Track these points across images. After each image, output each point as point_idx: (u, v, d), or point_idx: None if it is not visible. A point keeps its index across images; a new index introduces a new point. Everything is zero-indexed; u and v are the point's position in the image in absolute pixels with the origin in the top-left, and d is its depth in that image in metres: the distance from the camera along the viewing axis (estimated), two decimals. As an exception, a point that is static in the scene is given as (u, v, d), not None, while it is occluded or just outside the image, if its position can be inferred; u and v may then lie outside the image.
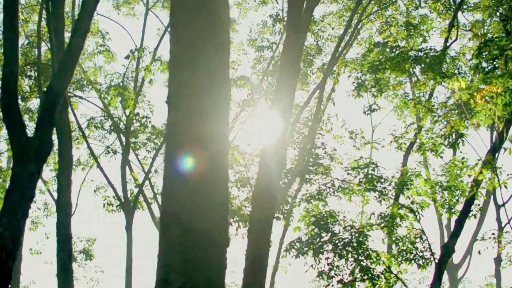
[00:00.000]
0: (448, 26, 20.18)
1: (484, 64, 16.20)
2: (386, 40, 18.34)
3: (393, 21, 22.13)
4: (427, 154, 18.93)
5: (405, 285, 16.73)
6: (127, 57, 16.87)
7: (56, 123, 14.07)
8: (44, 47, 22.04)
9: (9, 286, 10.69)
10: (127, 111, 21.37)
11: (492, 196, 22.81)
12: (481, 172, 14.73)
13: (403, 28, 21.35)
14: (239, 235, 22.40)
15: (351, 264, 16.50)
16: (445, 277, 25.13)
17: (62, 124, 15.57)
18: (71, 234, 15.97)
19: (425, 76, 17.50)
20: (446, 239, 24.22)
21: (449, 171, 17.55)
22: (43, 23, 20.86)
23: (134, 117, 19.79)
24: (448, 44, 19.59)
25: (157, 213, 24.51)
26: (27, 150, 10.73)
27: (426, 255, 16.55)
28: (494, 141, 14.89)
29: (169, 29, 5.25)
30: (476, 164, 13.93)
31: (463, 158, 19.10)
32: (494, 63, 15.31)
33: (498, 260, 20.60)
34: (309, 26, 14.71)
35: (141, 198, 23.39)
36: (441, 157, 20.23)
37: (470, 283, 30.88)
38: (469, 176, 14.15)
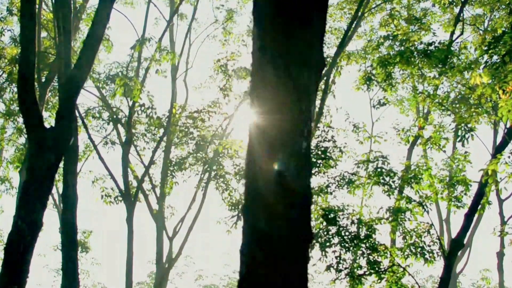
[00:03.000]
0: (454, 20, 20.12)
1: (494, 58, 16.20)
2: (395, 33, 18.20)
3: (396, 14, 22.02)
4: (428, 148, 18.86)
5: (413, 278, 16.70)
6: (133, 47, 16.60)
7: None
8: (43, 34, 21.67)
9: (27, 278, 10.48)
10: (127, 102, 21.09)
11: (495, 191, 22.87)
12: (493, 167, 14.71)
13: (405, 22, 21.28)
14: (239, 228, 22.35)
15: (358, 258, 16.44)
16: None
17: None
18: (77, 226, 15.71)
19: (435, 70, 17.44)
20: (445, 233, 24.30)
21: (455, 165, 17.55)
22: (42, 11, 20.51)
23: (139, 108, 19.53)
24: (453, 38, 19.54)
25: (154, 205, 24.32)
26: (45, 141, 10.48)
27: (433, 249, 16.52)
28: (506, 134, 14.82)
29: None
30: (498, 158, 13.85)
31: (465, 152, 19.14)
32: (504, 58, 15.28)
33: (500, 255, 20.67)
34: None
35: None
36: (444, 151, 20.25)
37: (464, 276, 31.07)
38: (486, 170, 14.07)
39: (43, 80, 20.24)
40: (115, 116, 22.71)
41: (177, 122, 23.28)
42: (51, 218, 37.01)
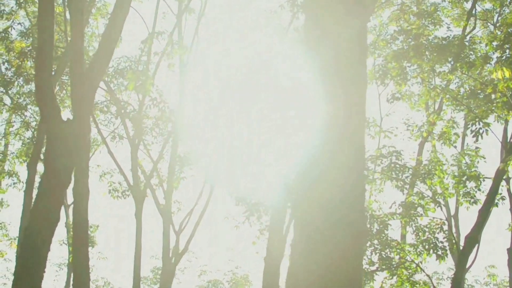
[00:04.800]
0: (467, 15, 20.01)
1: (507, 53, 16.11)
2: (407, 28, 18.08)
3: (406, 9, 21.86)
4: (441, 143, 18.77)
5: (428, 275, 16.63)
6: (145, 41, 16.45)
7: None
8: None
9: (44, 272, 10.38)
10: (137, 96, 20.99)
11: (506, 187, 22.77)
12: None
13: (415, 17, 21.14)
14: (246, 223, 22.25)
15: (370, 254, 16.36)
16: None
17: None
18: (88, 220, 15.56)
19: (447, 65, 17.35)
20: (454, 229, 24.21)
21: (468, 160, 17.47)
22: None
23: (151, 102, 19.43)
24: (466, 33, 19.44)
25: (161, 200, 24.17)
26: (63, 135, 10.36)
27: (445, 246, 16.44)
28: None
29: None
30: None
31: (476, 148, 19.03)
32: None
33: (510, 251, 20.57)
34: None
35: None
36: (455, 147, 20.15)
37: (469, 272, 30.94)
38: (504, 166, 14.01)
39: (53, 72, 20.06)
40: (123, 110, 22.58)
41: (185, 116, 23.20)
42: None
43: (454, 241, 16.54)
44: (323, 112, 4.95)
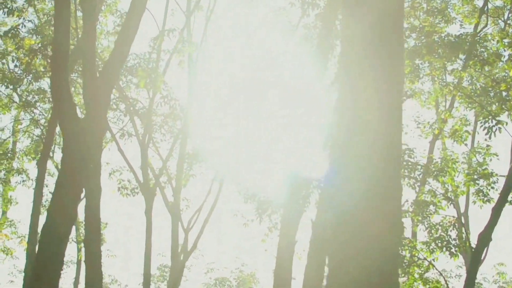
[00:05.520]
0: (479, 12, 19.91)
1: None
2: (420, 25, 18.00)
3: (417, 6, 21.76)
4: (454, 141, 18.69)
5: (439, 272, 16.57)
6: (157, 38, 16.36)
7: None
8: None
9: (61, 270, 10.35)
10: (148, 94, 20.94)
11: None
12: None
13: (425, 15, 21.05)
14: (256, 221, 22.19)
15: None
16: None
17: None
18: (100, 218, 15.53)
19: (458, 62, 17.26)
20: (458, 226, 24.14)
21: (480, 157, 17.41)
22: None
23: (162, 100, 19.40)
24: (477, 30, 19.34)
25: (170, 198, 24.13)
26: (80, 132, 10.32)
27: (458, 244, 16.38)
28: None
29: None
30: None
31: (487, 145, 18.96)
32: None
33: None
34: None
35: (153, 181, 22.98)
36: (466, 144, 20.09)
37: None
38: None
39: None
40: (132, 108, 22.55)
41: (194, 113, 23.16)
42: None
43: (467, 238, 16.45)
44: (350, 99, 4.88)
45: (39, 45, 20.80)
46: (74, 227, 26.81)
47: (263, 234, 23.20)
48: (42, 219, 20.52)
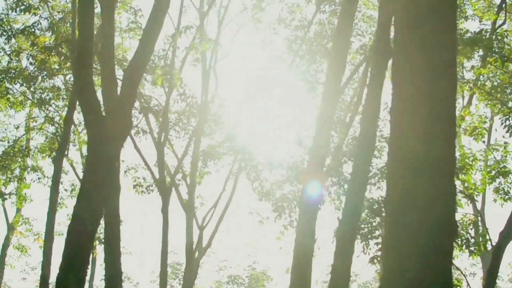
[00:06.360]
0: (497, 8, 19.79)
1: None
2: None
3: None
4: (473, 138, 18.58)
5: (460, 271, 16.49)
6: (173, 35, 16.28)
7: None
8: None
9: (88, 269, 10.31)
10: (164, 91, 20.87)
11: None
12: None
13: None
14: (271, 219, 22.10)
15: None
16: (480, 264, 25.03)
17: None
18: (120, 216, 15.53)
19: (475, 58, 17.17)
20: (479, 224, 24.01)
21: (500, 154, 17.32)
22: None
23: (179, 97, 19.34)
24: (496, 26, 19.22)
25: (184, 195, 24.06)
26: (105, 130, 10.25)
27: (477, 242, 16.29)
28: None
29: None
30: None
31: (505, 142, 18.84)
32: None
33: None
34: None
35: (168, 179, 22.94)
36: (484, 142, 19.95)
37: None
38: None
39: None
40: (146, 105, 22.51)
41: (209, 111, 23.08)
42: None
43: (487, 237, 16.36)
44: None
45: (54, 42, 20.76)
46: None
47: (278, 231, 23.13)
48: (57, 217, 20.56)
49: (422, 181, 4.58)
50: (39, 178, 24.29)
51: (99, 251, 27.96)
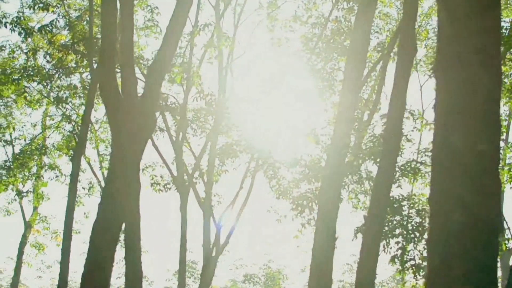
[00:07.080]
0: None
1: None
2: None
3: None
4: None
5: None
6: (192, 33, 16.21)
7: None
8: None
9: (112, 266, 10.30)
10: (173, 89, 20.83)
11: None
12: None
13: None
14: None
15: (424, 249, 16.08)
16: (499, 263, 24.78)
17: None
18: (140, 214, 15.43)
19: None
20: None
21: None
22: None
23: (198, 95, 19.28)
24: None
25: (201, 194, 23.99)
26: (130, 129, 10.21)
27: (499, 241, 16.13)
28: None
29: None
30: None
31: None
32: None
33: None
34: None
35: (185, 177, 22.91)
36: (503, 140, 19.74)
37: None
38: None
39: (95, 65, 19.90)
40: (163, 103, 22.45)
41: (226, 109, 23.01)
42: (94, 205, 36.86)
43: (506, 235, 16.20)
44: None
45: (71, 40, 20.77)
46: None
47: (295, 230, 23.00)
48: (75, 215, 20.53)
49: (467, 179, 4.49)
50: (56, 176, 24.35)
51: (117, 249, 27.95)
